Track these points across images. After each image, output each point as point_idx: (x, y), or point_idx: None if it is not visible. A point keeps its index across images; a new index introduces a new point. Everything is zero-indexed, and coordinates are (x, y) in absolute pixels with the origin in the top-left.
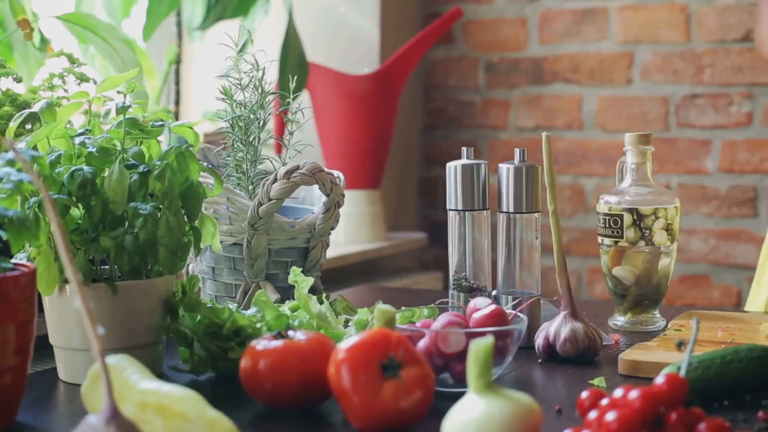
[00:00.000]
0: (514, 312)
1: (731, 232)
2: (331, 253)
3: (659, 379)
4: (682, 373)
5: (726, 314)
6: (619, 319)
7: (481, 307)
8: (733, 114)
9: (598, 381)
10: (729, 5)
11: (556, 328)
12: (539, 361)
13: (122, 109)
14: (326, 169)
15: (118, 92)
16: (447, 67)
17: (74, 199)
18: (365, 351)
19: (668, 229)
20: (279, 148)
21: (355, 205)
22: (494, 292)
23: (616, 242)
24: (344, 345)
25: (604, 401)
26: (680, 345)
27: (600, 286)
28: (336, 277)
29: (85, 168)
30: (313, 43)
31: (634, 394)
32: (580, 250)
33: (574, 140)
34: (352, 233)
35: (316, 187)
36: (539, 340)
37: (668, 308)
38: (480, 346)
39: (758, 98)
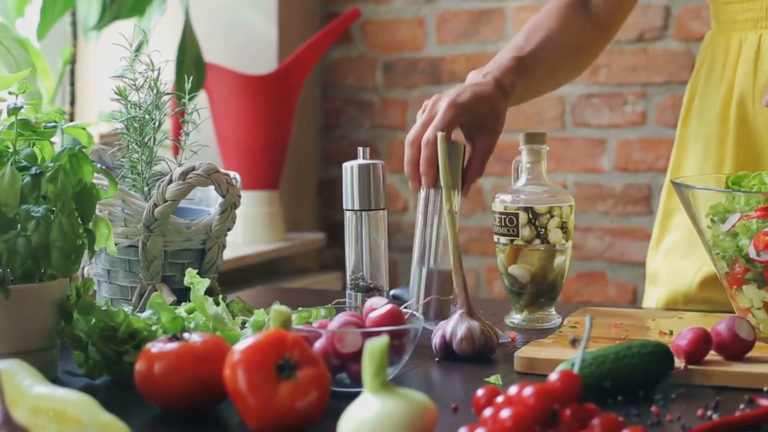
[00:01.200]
0: (410, 311)
1: (626, 230)
2: (229, 254)
3: (553, 376)
4: (576, 369)
5: (620, 311)
6: (516, 317)
7: (378, 306)
8: (627, 113)
9: (494, 379)
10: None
11: (453, 326)
12: (436, 359)
13: (13, 110)
14: (222, 170)
15: (10, 93)
16: (345, 67)
17: None
18: (260, 352)
19: (563, 227)
20: (176, 149)
21: (253, 205)
22: (393, 292)
23: (511, 241)
24: (239, 346)
25: (500, 399)
26: (574, 341)
27: (498, 285)
28: (235, 278)
29: None
30: (210, 43)
31: (528, 391)
32: (479, 249)
33: None
34: (250, 234)
35: (212, 188)
36: (436, 339)
37: (565, 305)
38: (374, 346)
39: (652, 98)
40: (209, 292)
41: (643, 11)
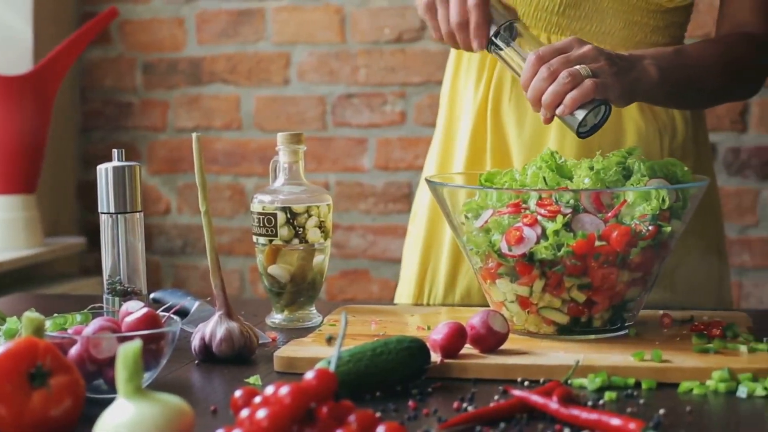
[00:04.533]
0: (167, 314)
1: (388, 228)
2: None
3: (309, 375)
4: (332, 367)
5: (379, 308)
6: (277, 317)
7: (134, 310)
8: (387, 113)
9: (254, 379)
10: (382, 7)
11: (212, 328)
12: (196, 362)
13: None
14: None
15: None
16: (104, 67)
17: None
18: (10, 361)
19: (321, 226)
20: None
21: (9, 210)
22: (153, 295)
23: (270, 241)
24: None
25: (257, 399)
26: (330, 340)
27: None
28: None
29: None
30: None
31: (284, 390)
32: (242, 250)
33: (233, 140)
34: (6, 240)
35: None
36: (195, 342)
37: (328, 304)
38: (127, 351)
39: (410, 97)
40: None
41: (400, 13)
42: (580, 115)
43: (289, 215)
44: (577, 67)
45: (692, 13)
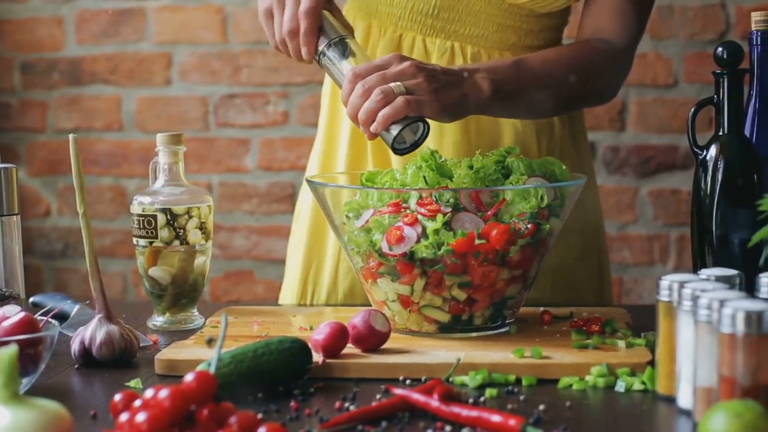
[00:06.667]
0: (45, 318)
1: (272, 228)
2: None
3: (188, 377)
4: (212, 369)
5: (262, 308)
6: (158, 320)
7: (11, 315)
8: (269, 113)
9: (135, 383)
10: None
11: (92, 332)
12: (76, 366)
13: None
14: None
15: None
16: None
17: None
18: None
19: (202, 227)
20: None
21: None
22: (32, 299)
23: (151, 243)
24: None
25: (137, 402)
26: (210, 341)
27: None
28: None
29: None
30: None
31: (163, 393)
32: (124, 252)
33: (114, 141)
34: None
35: None
36: (75, 346)
37: (211, 305)
38: (2, 356)
39: (293, 97)
40: None
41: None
42: (394, 131)
43: (169, 217)
44: (391, 84)
45: (570, 14)
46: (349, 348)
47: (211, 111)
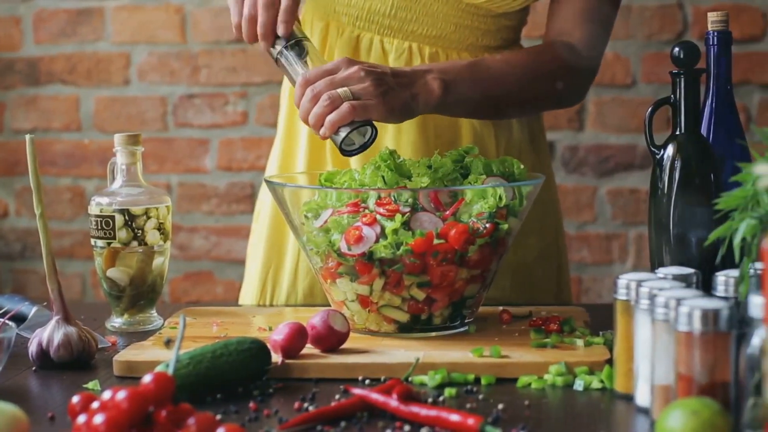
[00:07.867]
0: (2, 320)
1: (231, 229)
2: None
3: (146, 378)
4: (171, 370)
5: (221, 309)
6: (117, 321)
7: None
8: (229, 113)
9: (93, 384)
10: (223, 7)
11: (50, 333)
12: (34, 368)
13: None
14: None
15: None
16: None
17: None
18: None
19: (161, 228)
20: None
21: None
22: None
23: (109, 243)
24: None
25: (95, 404)
26: (168, 342)
27: None
28: None
29: None
30: None
31: (121, 395)
32: (83, 253)
33: (73, 142)
34: None
35: None
36: (33, 347)
37: (171, 306)
38: None
39: (252, 97)
40: None
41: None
42: (342, 134)
43: (127, 217)
44: (339, 90)
45: (529, 15)
46: (309, 348)
47: (170, 111)
